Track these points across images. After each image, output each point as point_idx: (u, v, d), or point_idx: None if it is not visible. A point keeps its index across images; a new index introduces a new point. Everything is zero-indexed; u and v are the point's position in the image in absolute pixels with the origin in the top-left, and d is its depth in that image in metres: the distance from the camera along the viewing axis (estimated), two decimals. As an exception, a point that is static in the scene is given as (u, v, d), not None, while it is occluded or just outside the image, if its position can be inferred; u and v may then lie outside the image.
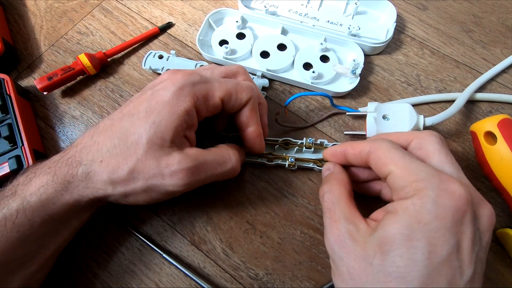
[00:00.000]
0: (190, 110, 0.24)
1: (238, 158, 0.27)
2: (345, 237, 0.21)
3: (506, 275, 0.28)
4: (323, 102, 0.36)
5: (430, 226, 0.19)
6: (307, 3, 0.41)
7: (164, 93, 0.24)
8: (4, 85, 0.34)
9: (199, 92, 0.25)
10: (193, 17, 0.41)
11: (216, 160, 0.25)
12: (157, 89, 0.25)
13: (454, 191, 0.20)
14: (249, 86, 0.27)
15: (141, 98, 0.25)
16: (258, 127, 0.28)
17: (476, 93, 0.35)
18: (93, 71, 0.36)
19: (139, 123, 0.23)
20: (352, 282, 0.20)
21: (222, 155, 0.26)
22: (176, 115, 0.23)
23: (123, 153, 0.23)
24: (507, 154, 0.28)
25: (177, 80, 0.24)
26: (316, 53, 0.37)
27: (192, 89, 0.24)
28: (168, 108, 0.23)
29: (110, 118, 0.25)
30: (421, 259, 0.18)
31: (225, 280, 0.29)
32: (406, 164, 0.21)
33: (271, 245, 0.30)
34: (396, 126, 0.31)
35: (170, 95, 0.24)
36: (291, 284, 0.28)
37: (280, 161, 0.31)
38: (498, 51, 0.38)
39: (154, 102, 0.24)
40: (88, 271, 0.29)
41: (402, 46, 0.39)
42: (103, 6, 0.42)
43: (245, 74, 0.29)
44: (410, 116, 0.31)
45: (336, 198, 0.24)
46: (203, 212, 0.31)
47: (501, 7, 0.41)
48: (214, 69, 0.28)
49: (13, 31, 0.41)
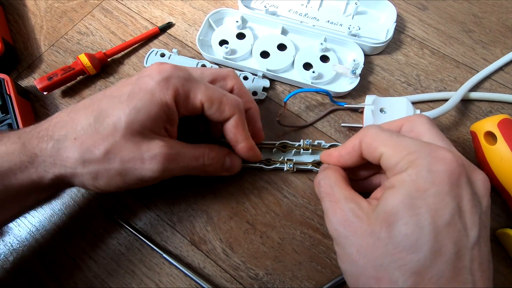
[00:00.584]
0: (170, 103, 0.24)
1: (214, 157, 0.27)
2: (349, 216, 0.21)
3: (506, 275, 0.28)
4: (323, 101, 0.36)
5: (428, 192, 0.19)
6: (307, 3, 0.41)
7: (149, 80, 0.24)
8: (4, 85, 0.34)
9: (182, 88, 0.24)
10: (193, 17, 0.41)
11: (192, 153, 0.26)
12: (143, 75, 0.25)
13: (445, 157, 0.20)
14: (234, 102, 0.26)
15: (126, 82, 0.25)
16: (247, 142, 0.28)
17: (476, 93, 0.35)
18: (93, 71, 0.36)
19: (119, 106, 0.23)
20: (362, 260, 0.20)
21: (199, 150, 0.26)
22: (157, 105, 0.23)
23: (98, 133, 0.23)
24: (507, 154, 0.28)
25: (164, 70, 0.25)
26: (316, 53, 0.37)
27: (176, 83, 0.24)
28: (149, 96, 0.23)
29: (91, 97, 0.25)
30: (426, 224, 0.19)
31: (225, 280, 0.29)
32: (395, 142, 0.22)
33: (271, 245, 0.30)
34: (393, 119, 0.31)
35: (154, 84, 0.24)
36: (291, 284, 0.28)
37: (279, 165, 0.31)
38: (498, 51, 0.38)
39: (138, 88, 0.24)
40: (88, 271, 0.29)
41: (402, 46, 0.39)
42: (103, 6, 0.42)
43: (235, 78, 0.29)
44: (406, 110, 0.31)
45: (333, 182, 0.24)
46: (203, 212, 0.31)
47: (501, 7, 0.41)
48: (205, 70, 0.28)
49: (13, 31, 0.41)
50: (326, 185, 0.24)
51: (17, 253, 0.30)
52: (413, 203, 0.19)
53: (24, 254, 0.30)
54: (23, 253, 0.30)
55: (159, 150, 0.24)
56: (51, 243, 0.30)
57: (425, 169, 0.20)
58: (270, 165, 0.31)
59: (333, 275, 0.28)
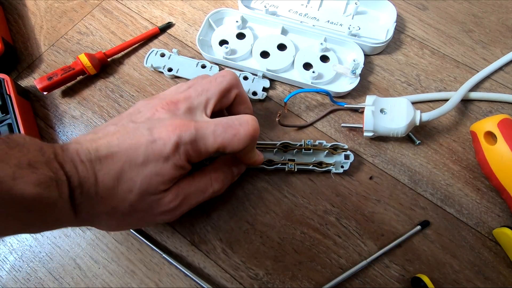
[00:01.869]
0: (184, 164, 0.24)
1: (223, 179, 0.27)
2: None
3: (506, 275, 0.28)
4: (323, 101, 0.36)
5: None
6: (307, 3, 0.41)
7: (162, 147, 0.23)
8: (4, 85, 0.34)
9: (193, 150, 0.24)
10: (193, 17, 0.41)
11: (199, 188, 0.26)
12: (155, 137, 0.23)
13: None
14: (245, 137, 0.25)
15: (139, 133, 0.24)
16: (257, 158, 0.28)
17: (476, 93, 0.35)
18: (93, 71, 0.36)
19: (135, 169, 0.23)
20: None
21: (205, 182, 0.27)
22: (172, 168, 0.23)
23: (118, 195, 0.23)
24: (507, 154, 0.28)
25: (173, 133, 0.23)
26: (316, 53, 0.37)
27: (186, 148, 0.24)
28: (163, 162, 0.23)
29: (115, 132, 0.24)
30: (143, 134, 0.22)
31: (225, 280, 0.29)
32: None
33: (271, 245, 0.30)
34: (393, 120, 0.31)
35: (167, 151, 0.23)
36: (291, 284, 0.28)
37: (280, 165, 0.31)
38: (498, 51, 0.38)
39: (151, 152, 0.23)
40: (88, 271, 0.29)
41: (402, 46, 0.39)
42: (103, 6, 0.42)
43: (237, 88, 0.28)
44: (407, 111, 0.31)
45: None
46: (203, 212, 0.31)
47: (501, 7, 0.41)
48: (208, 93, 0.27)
49: (13, 31, 0.41)
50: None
51: (17, 253, 0.30)
52: None
53: (24, 254, 0.30)
54: (23, 253, 0.30)
55: (166, 207, 0.24)
56: (51, 243, 0.30)
57: None
58: (271, 166, 0.31)
59: (333, 275, 0.28)
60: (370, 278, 0.28)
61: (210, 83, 0.27)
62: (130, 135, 0.23)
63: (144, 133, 0.24)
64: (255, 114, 0.35)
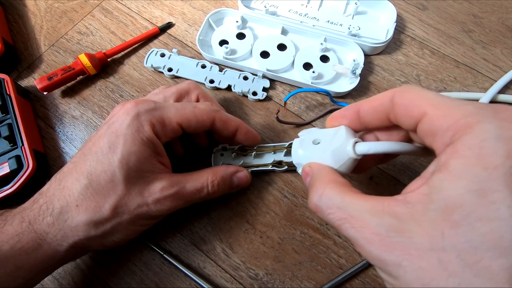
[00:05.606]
0: (151, 137, 0.24)
1: (219, 183, 0.27)
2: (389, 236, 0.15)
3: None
4: (323, 101, 0.36)
5: (503, 168, 0.13)
6: (307, 3, 0.41)
7: (120, 125, 0.23)
8: (4, 85, 0.34)
9: (155, 119, 0.24)
10: (193, 17, 0.41)
11: (195, 186, 0.26)
12: (112, 122, 0.24)
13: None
14: (207, 109, 0.26)
15: (98, 134, 0.24)
16: (243, 127, 0.28)
17: (505, 95, 0.35)
18: (93, 71, 0.36)
19: (105, 160, 0.23)
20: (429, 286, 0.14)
21: (201, 181, 0.27)
22: (141, 145, 0.23)
23: (99, 193, 0.23)
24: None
25: (129, 109, 0.24)
26: (316, 53, 0.37)
27: (147, 117, 0.24)
28: (130, 139, 0.23)
29: (73, 161, 0.25)
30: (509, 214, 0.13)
31: (225, 280, 0.29)
32: (445, 102, 0.16)
33: (271, 245, 0.30)
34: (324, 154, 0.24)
35: (127, 126, 0.23)
36: (291, 284, 0.28)
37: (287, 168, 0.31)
38: (498, 51, 0.38)
39: (114, 136, 0.23)
40: (88, 271, 0.29)
41: (402, 46, 0.39)
42: (103, 6, 0.42)
43: (197, 89, 0.29)
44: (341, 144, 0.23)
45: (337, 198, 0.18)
46: (203, 212, 0.31)
47: (501, 7, 0.41)
48: (165, 92, 0.28)
49: (13, 31, 0.41)
50: (331, 207, 0.18)
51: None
52: (484, 188, 0.14)
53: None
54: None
55: (161, 194, 0.24)
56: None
57: (493, 136, 0.14)
58: (282, 167, 0.31)
59: (333, 275, 0.28)
60: (370, 278, 0.28)
61: (167, 89, 0.29)
62: (86, 150, 0.24)
63: (103, 127, 0.25)
64: (256, 114, 0.35)
